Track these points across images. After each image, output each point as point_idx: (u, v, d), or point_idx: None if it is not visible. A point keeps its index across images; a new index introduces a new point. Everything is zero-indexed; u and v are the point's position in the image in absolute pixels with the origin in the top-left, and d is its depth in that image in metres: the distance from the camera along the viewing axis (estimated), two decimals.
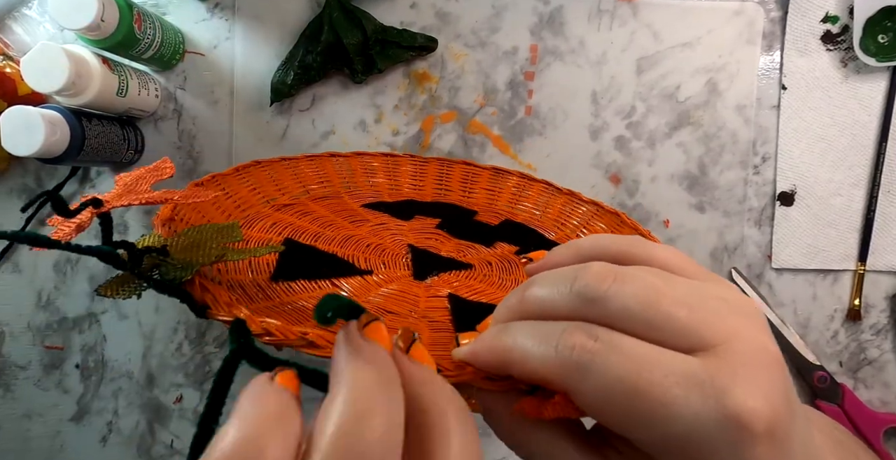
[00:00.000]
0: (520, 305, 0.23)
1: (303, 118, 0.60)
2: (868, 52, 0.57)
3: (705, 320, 0.20)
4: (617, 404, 0.19)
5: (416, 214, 0.42)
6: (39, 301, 0.61)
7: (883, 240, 0.60)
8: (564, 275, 0.22)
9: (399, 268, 0.34)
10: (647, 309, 0.20)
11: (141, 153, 0.59)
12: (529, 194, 0.49)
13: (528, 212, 0.48)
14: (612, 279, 0.20)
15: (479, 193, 0.50)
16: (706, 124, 0.60)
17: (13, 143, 0.46)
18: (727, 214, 0.60)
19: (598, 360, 0.19)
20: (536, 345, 0.21)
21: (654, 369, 0.19)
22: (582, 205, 0.47)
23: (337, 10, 0.57)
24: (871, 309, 0.61)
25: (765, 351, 0.20)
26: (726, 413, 0.18)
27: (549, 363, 0.20)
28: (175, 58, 0.58)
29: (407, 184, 0.49)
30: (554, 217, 0.47)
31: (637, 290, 0.20)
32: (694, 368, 0.19)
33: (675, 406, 0.18)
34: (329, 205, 0.41)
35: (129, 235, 0.61)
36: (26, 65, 0.46)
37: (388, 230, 0.38)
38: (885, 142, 0.59)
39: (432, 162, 0.52)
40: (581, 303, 0.21)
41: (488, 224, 0.44)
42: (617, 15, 0.59)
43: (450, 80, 0.60)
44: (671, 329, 0.20)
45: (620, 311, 0.20)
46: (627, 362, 0.19)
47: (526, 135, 0.60)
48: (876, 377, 0.61)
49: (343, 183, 0.46)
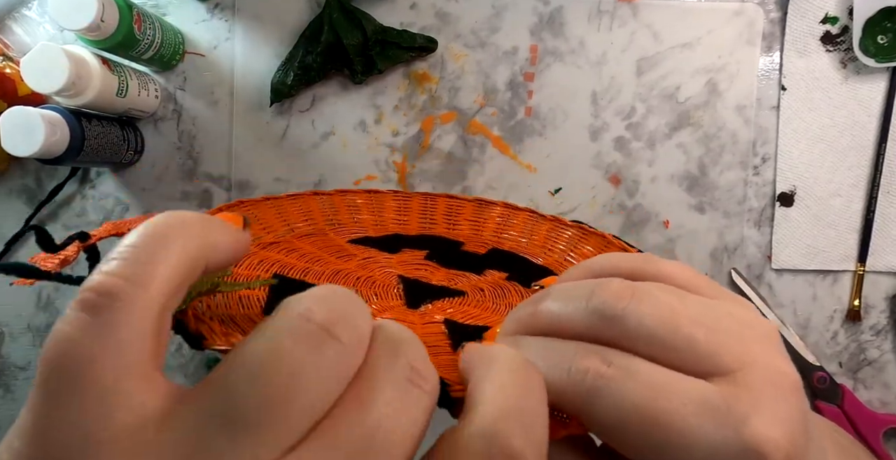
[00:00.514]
0: (531, 318, 0.22)
1: (303, 119, 0.60)
2: (867, 52, 0.57)
3: (723, 343, 0.19)
4: (631, 431, 0.19)
5: (403, 247, 0.43)
6: (39, 302, 0.61)
7: (882, 240, 0.60)
8: (581, 289, 0.21)
9: (391, 299, 0.33)
10: (665, 329, 0.19)
11: (141, 153, 0.59)
12: (514, 223, 0.49)
13: (515, 240, 0.48)
14: (629, 296, 0.20)
15: (463, 225, 0.50)
16: (706, 125, 0.60)
17: (13, 144, 0.46)
18: (727, 215, 0.60)
19: (612, 386, 0.19)
20: (548, 367, 0.20)
21: (671, 397, 0.18)
22: (567, 230, 0.47)
23: (337, 11, 0.57)
24: (871, 309, 0.61)
25: (783, 376, 0.19)
26: (745, 443, 0.18)
27: (562, 386, 0.20)
28: (175, 58, 0.58)
29: (391, 219, 0.50)
30: (540, 243, 0.47)
31: (655, 310, 0.20)
32: (711, 396, 0.18)
33: (693, 435, 0.18)
34: (315, 242, 0.41)
35: None
36: (26, 65, 0.46)
37: (377, 263, 0.38)
38: (884, 143, 0.59)
39: (415, 197, 0.52)
40: (597, 321, 0.20)
41: (476, 253, 0.44)
42: (617, 15, 0.60)
43: (450, 80, 0.60)
44: (688, 351, 0.19)
45: (637, 331, 0.19)
46: (643, 389, 0.18)
47: (526, 135, 0.60)
48: (876, 377, 0.61)
49: (327, 220, 0.47)
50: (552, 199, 0.60)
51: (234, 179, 0.60)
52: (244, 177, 0.60)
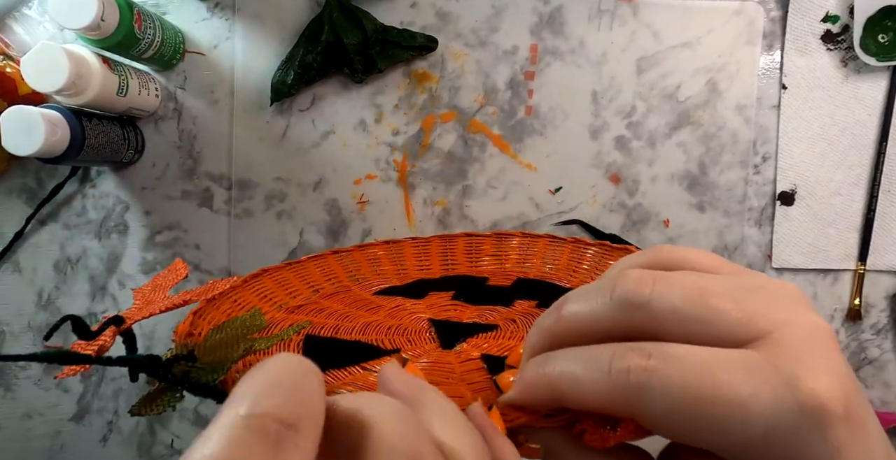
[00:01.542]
0: (556, 324, 0.22)
1: (303, 118, 0.60)
2: (868, 51, 0.57)
3: (754, 310, 0.19)
4: (689, 417, 0.18)
5: (429, 291, 0.43)
6: (40, 301, 0.61)
7: (883, 239, 0.60)
8: (601, 285, 0.21)
9: (425, 343, 0.34)
10: (695, 306, 0.19)
11: (141, 153, 0.59)
12: (535, 251, 0.50)
13: (538, 268, 0.48)
14: (651, 282, 0.20)
15: (485, 260, 0.50)
16: (706, 124, 0.60)
17: (13, 143, 0.46)
18: (727, 214, 0.60)
19: (657, 378, 0.18)
20: (587, 374, 0.20)
21: (718, 372, 0.18)
22: (589, 249, 0.47)
23: (337, 10, 0.57)
24: (872, 308, 0.61)
25: (818, 329, 0.19)
26: (802, 399, 0.18)
27: (606, 391, 0.19)
28: (175, 57, 0.58)
29: (413, 266, 0.50)
30: (564, 266, 0.47)
31: (681, 290, 0.20)
32: (757, 361, 0.18)
33: (750, 404, 0.18)
34: (341, 299, 0.42)
35: (129, 235, 0.61)
36: (26, 64, 0.46)
37: (405, 310, 0.39)
38: (885, 142, 0.59)
39: (434, 240, 0.52)
40: (624, 311, 0.20)
41: (502, 286, 0.44)
42: (617, 15, 0.59)
43: (450, 79, 0.60)
44: (722, 323, 0.19)
45: (668, 312, 0.19)
46: (689, 372, 0.18)
47: (526, 134, 0.60)
48: (876, 376, 0.61)
49: (350, 276, 0.47)
50: (552, 198, 0.60)
51: (235, 178, 0.60)
52: (244, 177, 0.60)
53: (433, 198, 0.61)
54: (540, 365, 0.21)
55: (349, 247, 0.50)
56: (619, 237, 0.60)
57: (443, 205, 0.61)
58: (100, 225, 0.61)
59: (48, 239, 0.61)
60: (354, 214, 0.61)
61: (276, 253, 0.61)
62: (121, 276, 0.61)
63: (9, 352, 0.61)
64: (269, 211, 0.60)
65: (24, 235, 0.60)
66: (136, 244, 0.61)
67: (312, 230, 0.61)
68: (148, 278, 0.61)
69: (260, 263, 0.61)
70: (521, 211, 0.61)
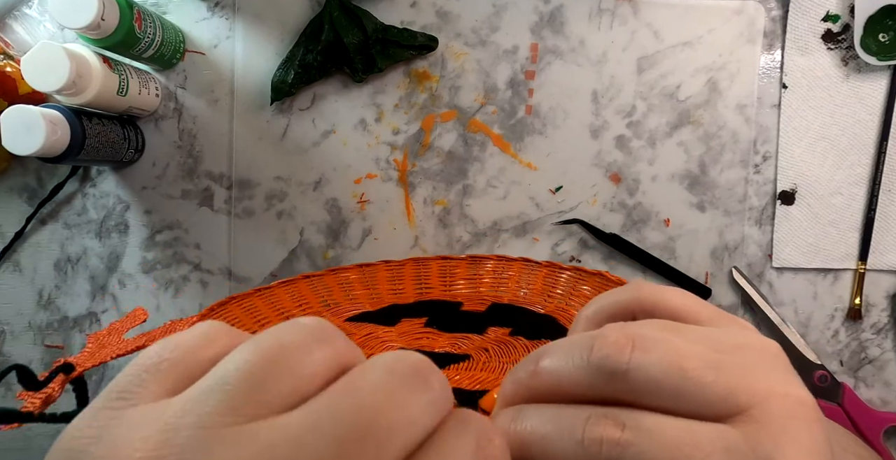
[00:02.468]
0: (531, 379, 0.21)
1: (303, 117, 0.60)
2: (869, 50, 0.57)
3: (734, 382, 0.19)
4: None
5: (401, 318, 0.42)
6: (40, 300, 0.61)
7: (884, 239, 0.60)
8: (579, 344, 0.20)
9: None
10: (673, 378, 0.19)
11: (141, 152, 0.60)
12: (510, 274, 0.49)
13: (512, 292, 0.47)
14: (630, 348, 0.19)
15: (460, 284, 0.49)
16: (707, 123, 0.60)
17: (14, 143, 0.46)
18: (728, 213, 0.60)
19: (630, 452, 0.18)
20: (558, 439, 0.19)
21: (694, 451, 0.18)
22: (563, 273, 0.46)
23: (337, 10, 0.57)
24: (872, 308, 0.61)
25: (800, 405, 0.19)
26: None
27: (575, 459, 0.19)
28: (175, 57, 0.58)
29: (386, 290, 0.48)
30: (539, 291, 0.46)
31: (659, 358, 0.19)
32: (734, 441, 0.18)
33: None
34: None
35: (129, 235, 0.61)
36: (27, 64, 0.46)
37: (377, 339, 0.38)
38: (885, 141, 0.59)
39: (408, 263, 0.51)
40: (601, 378, 0.19)
41: (476, 312, 0.43)
42: (617, 14, 0.59)
43: (450, 78, 0.60)
44: (701, 397, 0.19)
45: (646, 384, 0.19)
46: (663, 449, 0.18)
47: (526, 134, 0.60)
48: (876, 376, 0.61)
49: (322, 302, 0.46)
50: (553, 198, 0.60)
51: (235, 178, 0.60)
52: (244, 176, 0.60)
53: (433, 198, 0.61)
54: (512, 420, 0.21)
55: (321, 272, 0.49)
56: (620, 237, 0.60)
57: (443, 205, 0.61)
58: (100, 224, 0.61)
59: (48, 238, 0.61)
60: (355, 214, 0.61)
61: (276, 252, 0.61)
62: (121, 276, 0.61)
63: (9, 352, 0.61)
64: (270, 210, 0.60)
65: (24, 235, 0.60)
66: (137, 243, 0.61)
67: (313, 229, 0.61)
68: (148, 277, 0.61)
69: (260, 263, 0.61)
70: (521, 210, 0.61)
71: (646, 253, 0.60)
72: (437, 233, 0.61)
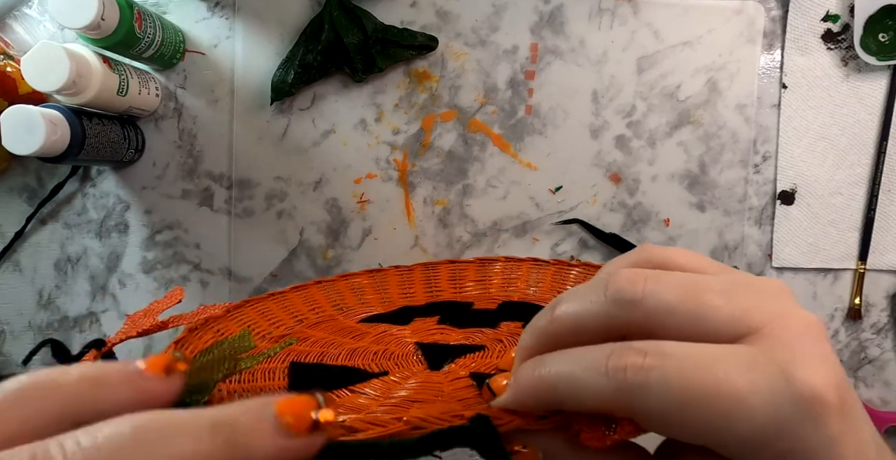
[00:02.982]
0: (550, 325, 0.22)
1: (303, 117, 0.60)
2: (869, 50, 0.57)
3: (745, 305, 0.20)
4: (688, 414, 0.18)
5: (414, 317, 0.42)
6: (40, 300, 0.61)
7: (883, 239, 0.60)
8: (594, 285, 0.21)
9: (413, 365, 0.34)
10: (688, 303, 0.19)
11: (141, 152, 0.60)
12: (519, 274, 0.49)
13: (522, 292, 0.47)
14: (644, 280, 0.20)
15: (469, 286, 0.50)
16: (706, 123, 0.60)
17: (14, 142, 0.46)
18: (727, 213, 0.60)
19: (654, 376, 0.18)
20: (584, 375, 0.20)
21: (715, 368, 0.18)
22: (572, 270, 0.47)
23: (337, 9, 0.57)
24: (872, 308, 0.61)
25: (808, 322, 0.20)
26: (798, 390, 0.18)
27: (604, 391, 0.19)
28: (175, 57, 0.58)
29: (398, 294, 0.49)
30: (548, 288, 0.47)
31: (673, 286, 0.20)
32: (752, 355, 0.18)
33: (748, 398, 0.18)
34: (325, 328, 0.41)
35: (129, 235, 0.61)
36: (27, 64, 0.46)
37: (391, 336, 0.39)
38: (885, 141, 0.59)
39: (417, 268, 0.52)
40: (618, 309, 0.20)
41: (487, 310, 0.43)
42: (617, 14, 0.59)
43: (450, 78, 0.60)
44: (715, 319, 0.19)
45: (662, 309, 0.19)
46: (686, 369, 0.18)
47: (526, 134, 0.60)
48: (876, 376, 0.61)
49: (334, 306, 0.46)
50: (553, 197, 0.60)
51: (235, 178, 0.60)
52: (245, 176, 0.60)
53: (433, 198, 0.61)
54: (535, 368, 0.21)
55: (332, 277, 0.49)
56: (620, 236, 0.60)
57: (443, 205, 0.61)
58: (100, 224, 0.61)
59: (49, 238, 0.61)
60: (355, 214, 0.61)
61: (276, 252, 0.61)
62: (121, 276, 0.61)
63: (9, 352, 0.61)
64: (270, 210, 0.60)
65: (24, 234, 0.60)
66: (137, 243, 0.61)
67: (313, 229, 0.61)
68: (148, 277, 0.61)
69: (260, 263, 0.61)
70: (521, 210, 0.61)
71: None
72: (437, 233, 0.61)
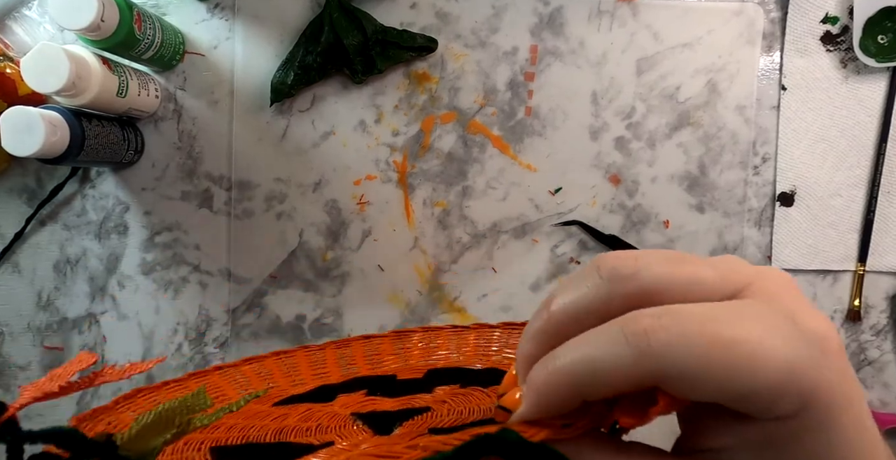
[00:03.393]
0: (548, 322, 0.21)
1: (303, 118, 0.60)
2: (868, 52, 0.57)
3: (727, 268, 0.21)
4: (714, 367, 0.18)
5: (337, 394, 0.38)
6: (39, 301, 0.61)
7: (883, 240, 0.60)
8: (583, 273, 0.21)
9: (358, 434, 0.30)
10: (680, 270, 0.20)
11: (141, 153, 0.59)
12: (439, 342, 0.46)
13: (445, 358, 0.44)
14: (633, 258, 0.20)
15: (387, 360, 0.46)
16: (706, 125, 0.60)
17: (13, 144, 0.46)
18: (727, 215, 0.60)
19: (674, 333, 0.18)
20: (603, 352, 0.19)
21: (729, 318, 0.19)
22: (494, 331, 0.44)
23: (337, 11, 0.57)
24: (871, 309, 0.61)
25: (785, 277, 0.21)
26: (808, 331, 0.19)
27: (627, 361, 0.19)
28: (175, 58, 0.58)
29: (310, 375, 0.44)
30: (472, 354, 0.44)
31: (662, 258, 0.20)
32: (754, 305, 0.19)
33: (766, 340, 0.18)
34: (237, 415, 0.36)
35: (129, 236, 0.61)
36: (26, 65, 0.46)
37: (319, 412, 0.34)
38: (884, 143, 0.59)
39: (328, 347, 0.47)
40: (615, 286, 0.20)
41: (415, 379, 0.40)
42: (617, 15, 0.60)
43: (450, 80, 0.60)
44: (708, 281, 0.20)
45: (658, 279, 0.20)
46: (703, 322, 0.18)
47: (526, 135, 0.60)
48: (876, 377, 0.61)
49: (240, 393, 0.41)
50: (552, 199, 0.60)
51: (234, 179, 0.60)
52: (244, 177, 0.60)
53: (433, 199, 0.61)
54: (547, 365, 0.21)
55: (236, 361, 0.43)
56: (619, 238, 0.60)
57: (443, 206, 0.61)
58: (99, 225, 0.61)
59: (48, 239, 0.61)
60: (354, 215, 0.61)
61: (275, 253, 0.61)
62: (120, 277, 0.61)
63: (8, 353, 0.61)
64: (269, 211, 0.60)
65: (23, 236, 0.60)
66: (136, 245, 0.61)
67: (312, 231, 0.61)
68: (148, 279, 0.61)
69: (260, 264, 0.61)
70: (520, 211, 0.61)
71: None
72: (436, 235, 0.61)
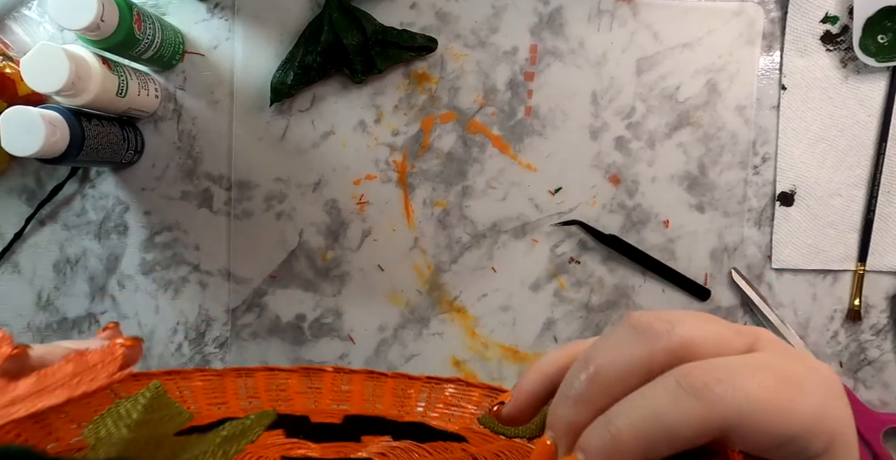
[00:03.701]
0: (594, 383, 0.21)
1: (302, 118, 0.60)
2: (868, 52, 0.57)
3: (733, 325, 0.22)
4: (772, 413, 0.19)
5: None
6: (39, 301, 0.61)
7: (883, 240, 0.60)
8: (617, 333, 0.21)
9: None
10: (707, 328, 0.21)
11: (141, 153, 0.59)
12: (352, 387, 0.41)
13: (360, 406, 0.40)
14: (664, 316, 0.21)
15: (294, 398, 0.41)
16: (706, 125, 0.60)
17: (13, 144, 0.46)
18: (727, 215, 0.60)
19: (731, 385, 0.19)
20: (669, 406, 0.19)
21: (767, 367, 0.19)
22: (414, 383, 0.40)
23: (337, 11, 0.57)
24: (871, 309, 0.61)
25: (772, 334, 0.22)
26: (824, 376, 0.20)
27: (697, 413, 0.19)
28: (175, 58, 0.58)
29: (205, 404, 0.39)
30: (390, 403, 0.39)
31: (688, 317, 0.21)
32: (776, 355, 0.21)
33: (802, 384, 0.19)
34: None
35: (129, 236, 0.61)
36: (26, 65, 0.46)
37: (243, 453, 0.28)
38: (884, 143, 0.59)
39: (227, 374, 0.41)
40: (656, 343, 0.20)
41: (332, 424, 0.35)
42: (617, 15, 0.60)
43: (449, 80, 0.60)
44: (729, 339, 0.21)
45: (693, 334, 0.21)
46: (753, 373, 0.19)
47: (526, 135, 0.60)
48: (876, 377, 0.61)
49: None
50: (552, 199, 0.60)
51: (234, 179, 0.60)
52: (244, 177, 0.60)
53: (433, 199, 0.61)
54: (609, 427, 0.20)
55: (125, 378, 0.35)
56: (619, 238, 0.60)
57: (442, 206, 0.61)
58: (99, 225, 0.61)
59: (48, 239, 0.61)
60: (354, 215, 0.61)
61: (275, 253, 0.61)
62: (120, 277, 0.61)
63: None
64: (269, 211, 0.60)
65: (23, 236, 0.60)
66: (136, 245, 0.61)
67: (312, 231, 0.61)
68: (147, 279, 0.61)
69: (260, 264, 0.61)
70: (520, 211, 0.61)
71: (645, 254, 0.60)
72: (436, 235, 0.61)
